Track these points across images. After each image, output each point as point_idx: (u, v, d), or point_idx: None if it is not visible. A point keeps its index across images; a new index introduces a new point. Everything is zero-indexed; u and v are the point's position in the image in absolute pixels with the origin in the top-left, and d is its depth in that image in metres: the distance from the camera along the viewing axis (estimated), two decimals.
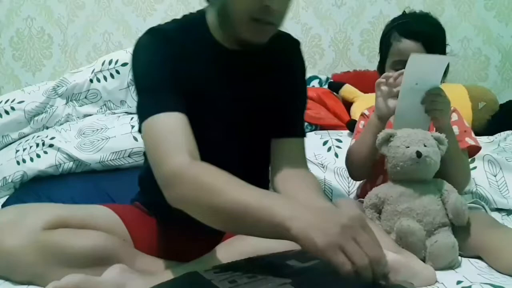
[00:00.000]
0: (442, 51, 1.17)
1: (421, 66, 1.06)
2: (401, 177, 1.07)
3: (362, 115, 1.32)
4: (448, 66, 1.18)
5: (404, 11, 1.25)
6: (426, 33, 1.14)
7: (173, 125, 0.84)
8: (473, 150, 1.22)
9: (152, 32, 0.94)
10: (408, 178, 1.06)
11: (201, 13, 0.98)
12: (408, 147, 1.05)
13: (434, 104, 1.09)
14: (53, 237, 0.85)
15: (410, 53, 1.08)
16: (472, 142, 1.19)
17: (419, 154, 1.03)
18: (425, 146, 1.05)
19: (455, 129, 1.18)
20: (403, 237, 0.98)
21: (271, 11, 0.86)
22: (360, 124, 1.30)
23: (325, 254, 0.61)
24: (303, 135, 1.05)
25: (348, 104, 1.72)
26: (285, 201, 0.72)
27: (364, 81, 1.72)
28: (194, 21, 0.97)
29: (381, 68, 1.21)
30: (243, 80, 0.97)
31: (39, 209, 0.91)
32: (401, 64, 1.10)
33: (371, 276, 0.61)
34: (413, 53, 1.06)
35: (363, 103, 1.60)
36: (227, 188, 0.73)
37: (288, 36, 1.04)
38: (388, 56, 1.18)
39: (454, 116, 1.23)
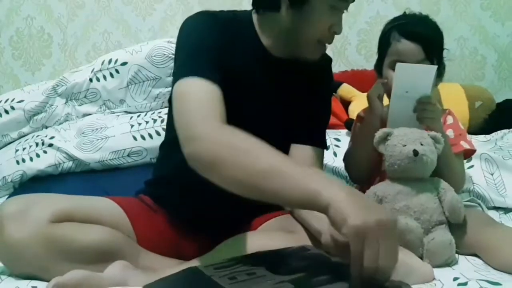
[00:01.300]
0: (440, 55, 1.17)
1: (409, 75, 1.09)
2: (398, 175, 1.08)
3: (358, 116, 1.32)
4: (444, 68, 1.19)
5: (405, 12, 1.25)
6: (426, 35, 1.14)
7: (209, 92, 0.86)
8: (468, 153, 1.24)
9: (206, 14, 0.99)
10: (406, 176, 1.07)
11: (248, 15, 1.03)
12: (405, 145, 1.06)
13: (424, 112, 1.10)
14: (59, 231, 0.85)
15: (409, 54, 1.10)
16: (466, 146, 1.20)
17: (415, 153, 1.04)
18: (421, 144, 1.06)
19: (450, 132, 1.19)
20: (401, 235, 0.99)
21: (334, 36, 0.98)
22: (357, 127, 1.30)
23: (349, 235, 0.61)
24: (323, 147, 1.10)
25: (346, 104, 1.73)
26: (324, 175, 0.71)
27: (362, 81, 1.72)
28: (243, 19, 1.03)
29: (379, 67, 1.21)
30: (280, 84, 1.03)
31: (44, 200, 0.90)
32: None
33: (370, 279, 0.61)
34: (399, 62, 1.09)
35: (361, 103, 1.60)
36: (262, 151, 0.74)
37: (324, 52, 1.11)
38: (387, 55, 1.18)
39: (450, 119, 1.24)
